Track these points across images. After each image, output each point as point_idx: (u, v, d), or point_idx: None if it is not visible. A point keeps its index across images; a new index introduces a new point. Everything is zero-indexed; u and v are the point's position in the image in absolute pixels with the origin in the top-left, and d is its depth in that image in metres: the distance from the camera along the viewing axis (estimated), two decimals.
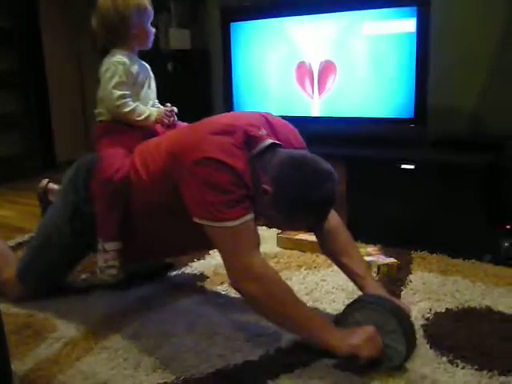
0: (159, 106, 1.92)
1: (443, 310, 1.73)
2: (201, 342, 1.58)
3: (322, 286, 1.95)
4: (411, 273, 2.04)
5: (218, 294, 1.93)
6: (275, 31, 2.69)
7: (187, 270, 2.15)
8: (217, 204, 1.39)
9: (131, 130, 1.75)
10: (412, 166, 2.25)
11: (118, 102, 1.71)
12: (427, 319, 1.67)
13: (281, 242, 2.36)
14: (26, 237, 2.55)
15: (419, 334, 1.57)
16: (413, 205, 2.29)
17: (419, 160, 2.27)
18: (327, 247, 1.69)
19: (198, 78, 3.14)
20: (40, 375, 1.43)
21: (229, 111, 2.89)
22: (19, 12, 3.92)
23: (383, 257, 2.10)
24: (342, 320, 1.48)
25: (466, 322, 1.64)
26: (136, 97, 1.78)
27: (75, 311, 1.80)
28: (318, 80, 2.64)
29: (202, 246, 1.89)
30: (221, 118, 1.58)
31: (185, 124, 1.87)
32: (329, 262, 2.13)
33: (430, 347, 1.51)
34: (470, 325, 1.63)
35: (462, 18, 2.55)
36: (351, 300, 1.53)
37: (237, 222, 1.39)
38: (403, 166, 2.26)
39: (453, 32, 2.55)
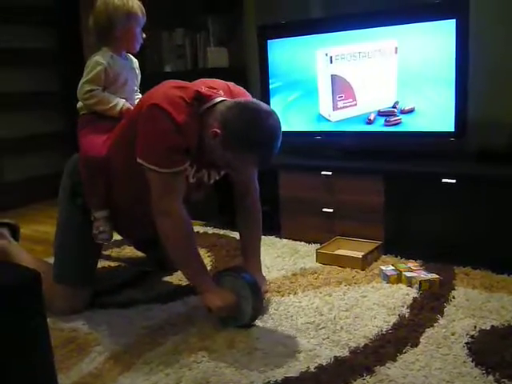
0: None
1: (488, 328, 1.68)
2: (241, 357, 1.58)
3: (362, 302, 1.92)
4: (454, 289, 1.99)
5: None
6: (311, 48, 2.70)
7: None
8: (155, 149, 1.62)
9: (105, 118, 1.91)
10: (453, 180, 2.20)
11: (86, 95, 1.89)
12: (472, 336, 1.63)
13: (320, 258, 2.35)
14: None
15: (463, 352, 1.54)
16: (454, 219, 2.24)
17: (460, 174, 2.22)
18: (239, 217, 1.99)
19: None
20: None
21: None
22: (62, 32, 4.06)
23: (425, 272, 2.06)
24: (218, 278, 1.82)
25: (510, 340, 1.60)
26: (119, 94, 1.94)
27: (116, 326, 1.84)
28: (355, 94, 2.63)
29: None
30: (183, 81, 1.75)
31: None
32: (368, 277, 2.13)
33: (475, 365, 1.47)
34: None
35: (501, 28, 2.50)
36: (391, 315, 1.53)
37: (169, 171, 1.63)
38: (444, 180, 2.22)
39: (492, 43, 2.50)
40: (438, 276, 2.03)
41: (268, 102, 2.86)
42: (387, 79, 2.53)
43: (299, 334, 1.69)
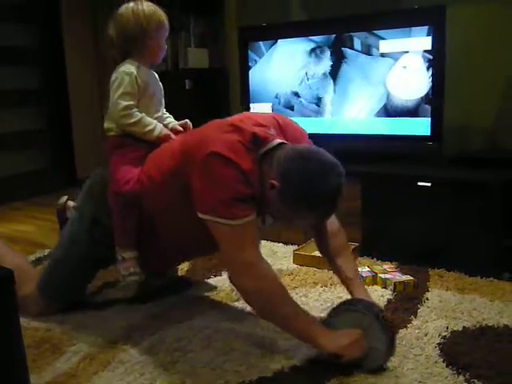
0: (169, 116, 1.94)
1: (460, 329, 1.71)
2: (217, 357, 1.59)
3: (338, 302, 1.94)
4: (428, 290, 2.02)
5: (234, 310, 1.93)
6: (291, 50, 2.73)
7: (203, 286, 2.17)
8: (221, 201, 1.44)
9: (138, 142, 1.77)
10: (428, 184, 2.24)
11: (123, 113, 1.72)
12: (444, 337, 1.66)
13: (297, 259, 2.37)
14: (46, 252, 2.59)
15: (435, 352, 1.57)
16: (429, 222, 2.27)
17: (435, 177, 2.27)
18: (324, 247, 1.75)
19: (216, 96, 3.19)
20: None
21: None
22: (42, 29, 4.03)
23: (399, 274, 2.09)
24: (330, 322, 1.53)
25: (483, 341, 1.63)
26: (145, 108, 1.78)
27: (93, 326, 1.82)
28: (333, 97, 2.66)
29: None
30: (230, 119, 1.61)
31: None
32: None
33: (447, 366, 1.50)
34: (487, 343, 1.61)
35: (477, 35, 2.56)
36: None
37: (240, 222, 1.44)
38: (420, 183, 2.26)
39: (468, 49, 2.56)
40: (412, 278, 2.06)
41: (247, 104, 2.89)
42: (367, 81, 2.57)
43: (276, 335, 1.69)
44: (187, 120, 1.92)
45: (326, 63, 2.65)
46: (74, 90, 4.22)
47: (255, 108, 2.89)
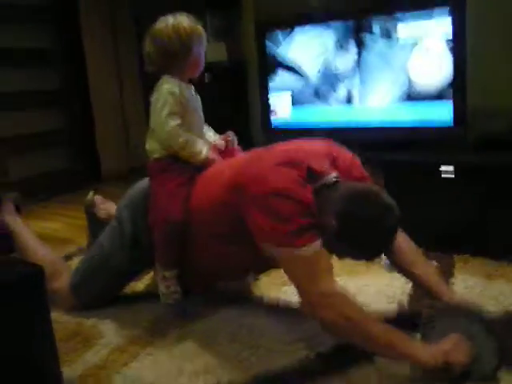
0: (209, 128, 1.93)
1: None
2: (243, 350, 1.60)
3: (364, 290, 1.94)
4: (453, 276, 2.01)
5: (258, 304, 1.94)
6: (309, 39, 2.72)
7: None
8: (287, 233, 1.41)
9: (183, 166, 1.74)
10: (451, 168, 2.22)
11: (172, 133, 1.69)
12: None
13: None
14: (75, 248, 2.64)
15: None
16: (454, 208, 2.25)
17: (458, 162, 2.24)
18: (397, 262, 1.67)
19: (235, 89, 3.21)
20: (88, 381, 1.50)
21: (266, 120, 2.94)
22: (61, 31, 4.09)
23: None
24: (426, 333, 1.43)
25: (510, 326, 1.61)
26: (187, 125, 1.74)
27: (122, 319, 1.86)
28: (354, 85, 2.65)
29: (261, 269, 1.89)
30: (284, 149, 1.59)
31: (242, 152, 1.91)
32: (370, 267, 2.13)
33: None
34: None
35: (499, 16, 2.51)
36: (391, 303, 1.53)
37: (309, 249, 1.41)
38: (443, 169, 2.24)
39: (490, 29, 2.52)
40: (437, 264, 2.05)
41: (266, 96, 2.89)
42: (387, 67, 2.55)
43: (300, 323, 1.69)
44: (230, 133, 1.90)
45: (347, 50, 2.63)
46: (95, 88, 4.28)
47: (275, 97, 2.89)
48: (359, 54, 2.60)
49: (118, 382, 1.48)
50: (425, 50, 2.44)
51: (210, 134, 1.91)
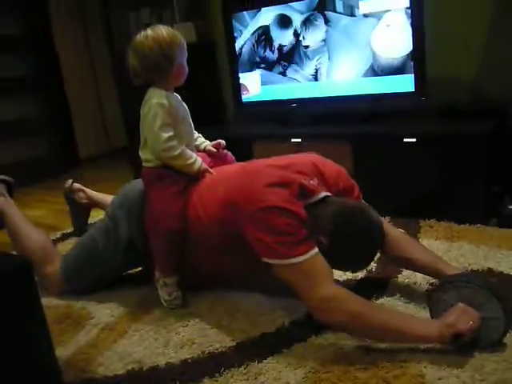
0: (199, 135, 1.99)
1: None
2: (223, 319, 1.73)
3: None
4: (419, 241, 2.14)
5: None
6: (275, 18, 2.78)
7: None
8: (284, 244, 1.49)
9: (177, 175, 1.80)
10: (414, 139, 2.34)
11: (166, 145, 1.73)
12: (431, 284, 1.78)
13: None
14: (59, 234, 2.73)
15: (423, 299, 1.69)
16: (419, 176, 2.38)
17: (420, 132, 2.36)
18: (394, 253, 1.72)
19: (206, 69, 3.26)
20: (81, 358, 1.61)
21: (237, 99, 3.02)
22: (32, 19, 4.08)
23: None
24: (434, 308, 1.50)
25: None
26: (179, 135, 1.78)
27: (109, 300, 1.97)
28: (321, 61, 2.73)
29: (254, 275, 1.92)
30: (275, 168, 1.67)
31: (232, 156, 2.02)
32: None
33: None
34: None
35: None
36: None
37: (306, 256, 1.48)
38: (405, 140, 2.35)
39: (446, 3, 2.60)
40: (403, 230, 2.17)
41: (236, 77, 2.96)
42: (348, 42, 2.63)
43: (276, 294, 1.81)
44: (220, 140, 1.99)
45: (312, 28, 2.70)
46: (69, 76, 4.30)
47: (245, 77, 2.96)
48: (325, 31, 2.67)
49: (108, 358, 1.60)
50: (386, 24, 2.52)
51: (201, 140, 1.99)
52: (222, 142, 2.00)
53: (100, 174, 4.01)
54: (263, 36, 2.84)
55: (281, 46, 2.81)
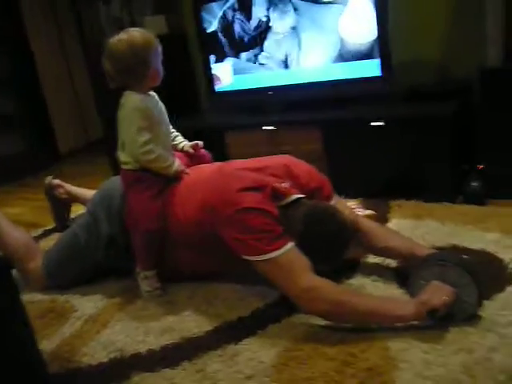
0: (178, 134, 2.04)
1: None
2: (201, 306, 1.81)
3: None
4: (388, 221, 2.23)
5: None
6: (244, 7, 2.82)
7: None
8: (262, 240, 1.58)
9: (156, 176, 1.85)
10: (381, 123, 2.42)
11: (142, 149, 1.77)
12: (400, 261, 1.85)
13: None
14: (40, 231, 2.77)
15: (392, 276, 1.78)
16: (387, 158, 2.46)
17: (387, 116, 2.44)
18: (370, 246, 1.83)
19: (179, 61, 3.29)
20: (66, 350, 1.68)
21: (210, 89, 3.06)
22: (4, 19, 4.07)
23: (362, 210, 2.28)
24: (411, 287, 1.59)
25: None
26: (156, 137, 1.81)
27: (92, 293, 2.03)
28: (291, 48, 2.78)
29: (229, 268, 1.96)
30: (249, 171, 1.76)
31: (209, 155, 2.08)
32: None
33: (400, 287, 1.72)
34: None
35: None
36: None
37: (284, 250, 1.57)
38: (372, 124, 2.43)
39: None
40: (373, 212, 2.25)
41: (208, 68, 3.01)
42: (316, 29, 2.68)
43: (251, 281, 1.86)
44: (198, 142, 2.04)
45: (281, 16, 2.74)
46: (44, 72, 4.30)
47: (217, 67, 3.01)
48: (293, 18, 2.72)
49: (92, 348, 1.66)
50: (352, 11, 2.57)
51: (180, 139, 2.05)
52: (200, 142, 2.06)
53: (80, 169, 4.04)
54: (232, 25, 2.88)
55: (251, 35, 2.85)
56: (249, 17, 2.82)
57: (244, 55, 2.90)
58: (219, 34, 2.93)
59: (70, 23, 4.20)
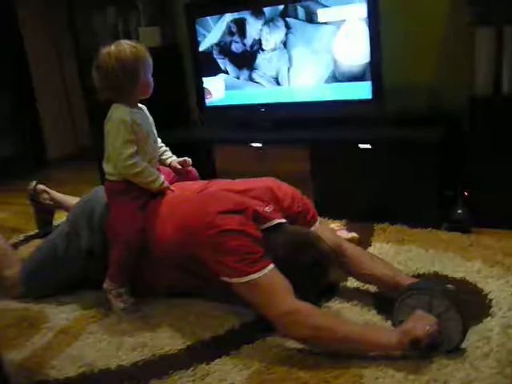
0: (167, 149, 2.03)
1: None
2: (176, 322, 1.78)
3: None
4: (370, 245, 2.22)
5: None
6: (239, 23, 2.82)
7: None
8: (242, 262, 1.55)
9: (140, 190, 1.84)
10: (369, 146, 2.41)
11: (127, 162, 1.76)
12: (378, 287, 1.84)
13: None
14: (22, 237, 2.73)
15: (370, 301, 1.76)
16: (374, 181, 2.45)
17: (375, 138, 2.44)
18: (353, 272, 1.81)
19: (170, 73, 3.28)
20: (35, 362, 1.64)
21: (202, 105, 3.06)
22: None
23: (346, 232, 2.27)
24: (395, 316, 1.55)
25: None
26: (142, 150, 1.81)
27: (67, 303, 2.00)
28: (284, 67, 2.78)
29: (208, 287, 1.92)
30: (232, 193, 1.75)
31: (196, 173, 2.08)
32: None
33: (378, 313, 1.70)
34: None
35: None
36: None
37: (264, 271, 1.54)
38: (361, 146, 2.43)
39: (402, 11, 2.67)
40: (356, 235, 2.24)
41: (200, 81, 3.00)
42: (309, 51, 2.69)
43: (229, 299, 1.82)
44: (186, 158, 2.03)
45: (276, 34, 2.75)
46: (37, 77, 4.29)
47: (209, 81, 3.00)
48: (287, 37, 2.72)
49: (61, 361, 1.63)
50: (345, 32, 2.59)
51: (168, 154, 2.03)
52: (189, 159, 2.05)
53: (68, 176, 4.01)
54: (226, 41, 2.88)
55: (244, 51, 2.85)
56: (243, 33, 2.82)
57: (237, 71, 2.90)
58: (213, 49, 2.93)
59: (64, 29, 4.18)
